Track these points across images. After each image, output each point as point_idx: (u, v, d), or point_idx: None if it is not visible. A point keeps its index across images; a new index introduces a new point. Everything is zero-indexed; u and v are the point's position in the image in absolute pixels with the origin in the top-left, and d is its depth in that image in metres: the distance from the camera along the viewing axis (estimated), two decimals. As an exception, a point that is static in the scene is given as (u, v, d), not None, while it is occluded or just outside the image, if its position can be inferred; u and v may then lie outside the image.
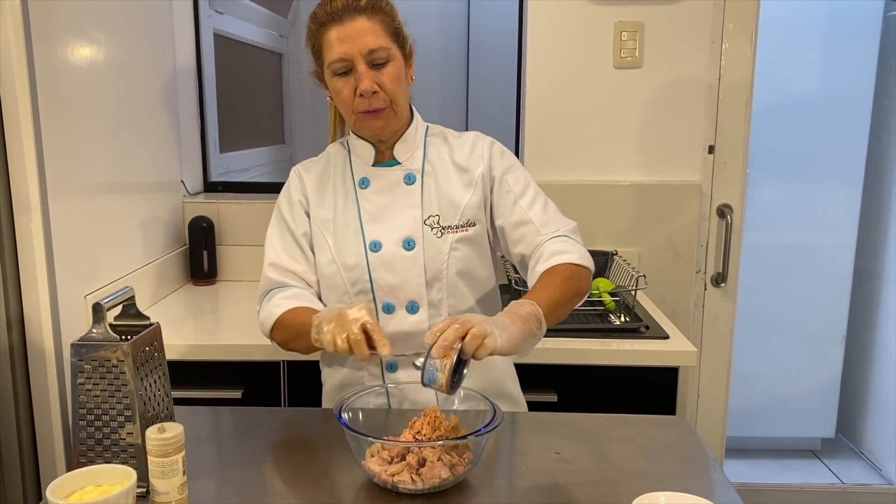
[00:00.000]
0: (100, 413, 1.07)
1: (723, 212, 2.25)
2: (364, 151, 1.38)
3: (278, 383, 1.74)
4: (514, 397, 1.45)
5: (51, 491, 0.94)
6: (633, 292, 1.90)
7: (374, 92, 1.27)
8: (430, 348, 1.07)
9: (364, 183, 1.37)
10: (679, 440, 1.28)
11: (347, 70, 1.27)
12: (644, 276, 1.88)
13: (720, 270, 2.27)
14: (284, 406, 1.74)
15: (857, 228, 2.97)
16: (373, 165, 1.37)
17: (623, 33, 2.17)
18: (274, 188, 2.43)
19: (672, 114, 2.21)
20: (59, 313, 1.58)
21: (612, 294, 1.90)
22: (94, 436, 1.08)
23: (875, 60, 2.85)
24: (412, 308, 1.32)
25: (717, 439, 2.32)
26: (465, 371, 1.09)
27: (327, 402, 1.45)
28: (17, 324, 1.52)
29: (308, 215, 1.38)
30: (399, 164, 1.37)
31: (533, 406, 1.51)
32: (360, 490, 1.08)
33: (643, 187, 2.24)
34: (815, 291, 3.01)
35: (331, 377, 1.43)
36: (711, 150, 2.23)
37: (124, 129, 1.93)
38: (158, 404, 1.13)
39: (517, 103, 2.39)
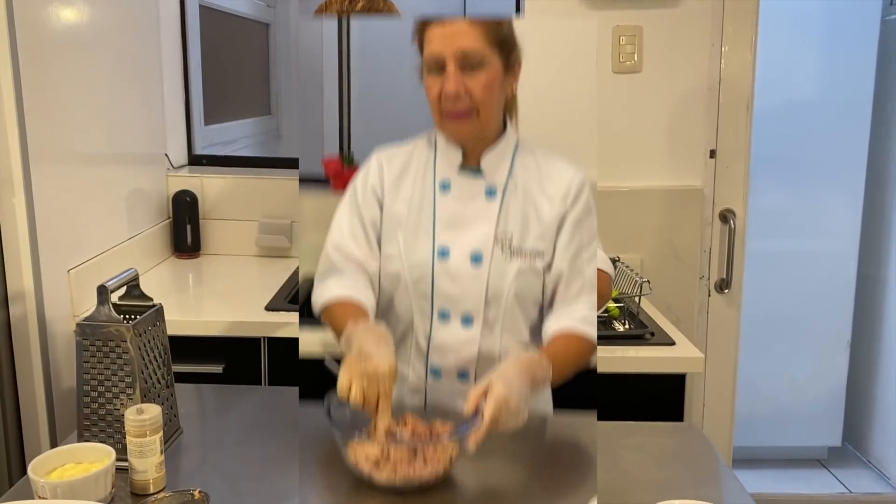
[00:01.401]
0: (103, 390, 1.13)
1: (725, 216, 2.22)
2: (451, 154, 1.32)
3: (259, 360, 1.73)
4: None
5: (32, 468, 0.99)
6: (637, 299, 1.87)
7: (459, 95, 1.23)
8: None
9: (445, 186, 1.32)
10: (690, 447, 1.25)
11: (439, 68, 1.23)
12: (648, 281, 1.85)
13: (724, 276, 2.24)
14: (265, 382, 1.74)
15: (860, 233, 2.95)
16: (458, 170, 1.32)
17: (622, 38, 2.15)
18: (258, 163, 2.43)
19: (673, 118, 2.19)
20: (42, 287, 1.57)
21: (615, 301, 1.87)
22: (97, 412, 1.13)
23: (874, 64, 2.85)
24: (467, 321, 1.28)
25: (725, 448, 2.28)
26: None
27: None
28: (1, 299, 1.51)
29: (380, 204, 1.35)
30: (483, 174, 1.32)
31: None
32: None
33: (644, 192, 2.21)
34: (818, 297, 2.98)
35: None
36: (713, 154, 2.21)
37: (107, 99, 1.90)
38: (159, 383, 1.18)
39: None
